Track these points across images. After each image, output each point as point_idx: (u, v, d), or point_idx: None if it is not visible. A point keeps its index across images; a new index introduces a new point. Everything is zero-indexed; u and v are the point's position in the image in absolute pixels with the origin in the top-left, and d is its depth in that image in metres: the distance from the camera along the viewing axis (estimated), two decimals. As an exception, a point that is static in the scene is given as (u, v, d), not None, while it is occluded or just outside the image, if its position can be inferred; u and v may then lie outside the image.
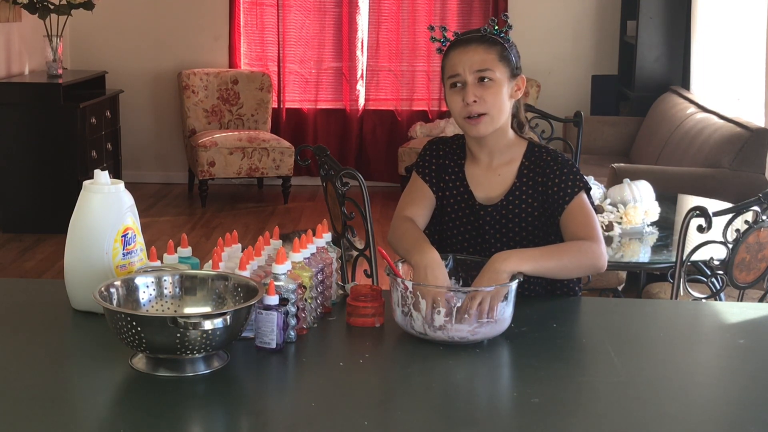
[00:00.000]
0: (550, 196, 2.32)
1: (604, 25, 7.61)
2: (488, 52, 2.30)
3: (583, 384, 1.85)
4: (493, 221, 2.36)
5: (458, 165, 2.43)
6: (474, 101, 2.28)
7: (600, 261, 2.22)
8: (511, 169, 2.38)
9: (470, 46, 2.31)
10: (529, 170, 2.36)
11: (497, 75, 2.30)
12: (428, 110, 7.70)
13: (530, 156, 2.38)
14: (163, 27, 7.61)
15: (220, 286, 1.96)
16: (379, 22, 7.63)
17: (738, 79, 5.89)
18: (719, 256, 2.91)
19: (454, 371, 1.89)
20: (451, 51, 2.35)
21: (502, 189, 2.37)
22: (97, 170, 2.10)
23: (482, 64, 2.29)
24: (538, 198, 2.34)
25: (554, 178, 2.32)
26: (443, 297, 1.96)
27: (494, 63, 2.30)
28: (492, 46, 2.31)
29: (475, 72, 2.29)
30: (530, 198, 2.35)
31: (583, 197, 2.31)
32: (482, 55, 2.30)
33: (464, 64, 2.30)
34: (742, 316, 2.28)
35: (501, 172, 2.38)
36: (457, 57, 2.32)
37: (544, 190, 2.33)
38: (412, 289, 1.98)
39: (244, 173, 7.04)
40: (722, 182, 4.85)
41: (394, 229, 2.35)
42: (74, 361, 1.93)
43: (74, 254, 2.09)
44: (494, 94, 2.30)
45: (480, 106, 2.29)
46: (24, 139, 6.11)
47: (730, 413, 1.74)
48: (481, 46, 2.31)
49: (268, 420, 1.69)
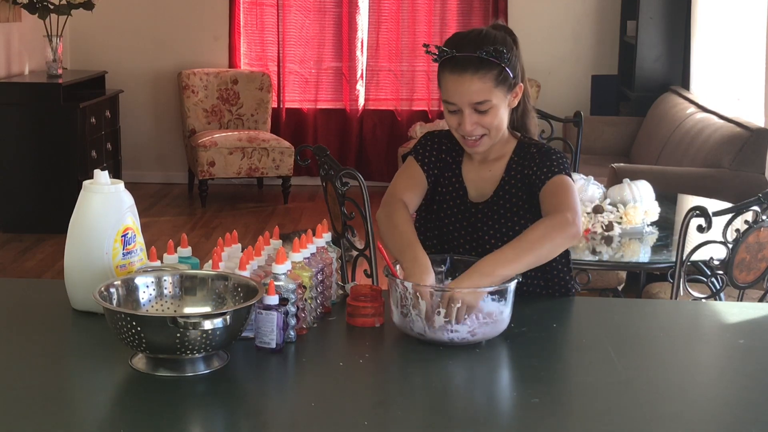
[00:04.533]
0: (529, 177, 2.29)
1: (604, 25, 7.61)
2: (484, 80, 2.21)
3: (583, 384, 1.86)
4: (484, 218, 2.35)
5: (456, 162, 2.42)
6: (471, 129, 2.25)
7: (572, 229, 2.13)
8: (500, 165, 2.37)
9: (465, 75, 2.20)
10: (516, 164, 2.35)
11: (494, 101, 2.23)
12: (428, 110, 7.71)
13: (519, 152, 2.36)
14: (163, 27, 7.61)
15: (220, 286, 1.96)
16: (379, 22, 7.63)
17: (738, 79, 5.89)
18: (719, 256, 2.91)
19: (454, 371, 1.89)
20: (446, 73, 2.24)
21: (492, 185, 2.36)
22: (97, 170, 2.10)
23: (478, 96, 2.21)
24: (525, 189, 2.32)
25: (535, 163, 2.30)
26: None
27: (490, 92, 2.22)
28: (488, 72, 2.21)
29: (471, 103, 2.23)
30: (518, 191, 2.33)
31: (564, 178, 2.25)
32: (478, 86, 2.21)
33: (459, 96, 2.22)
34: (742, 316, 2.28)
35: (492, 168, 2.37)
36: (452, 85, 2.23)
37: (528, 174, 2.30)
38: (412, 290, 1.97)
39: (244, 173, 7.04)
40: (722, 182, 4.85)
41: (389, 215, 2.29)
42: (74, 361, 1.93)
43: (74, 254, 2.09)
44: (492, 117, 2.25)
45: (478, 129, 2.26)
46: (24, 139, 6.11)
47: (730, 413, 1.74)
48: (476, 75, 2.20)
49: (268, 420, 1.69)
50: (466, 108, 2.23)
